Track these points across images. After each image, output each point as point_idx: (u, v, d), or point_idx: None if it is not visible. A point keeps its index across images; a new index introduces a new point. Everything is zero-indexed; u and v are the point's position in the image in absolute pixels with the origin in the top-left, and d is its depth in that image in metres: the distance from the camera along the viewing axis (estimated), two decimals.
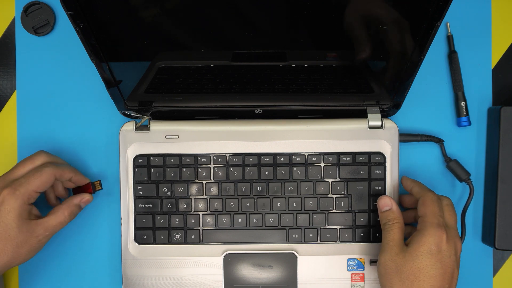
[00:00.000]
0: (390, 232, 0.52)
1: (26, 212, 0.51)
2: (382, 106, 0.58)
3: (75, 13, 0.43)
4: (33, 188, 0.51)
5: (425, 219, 0.51)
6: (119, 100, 0.56)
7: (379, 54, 0.51)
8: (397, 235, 0.52)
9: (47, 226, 0.52)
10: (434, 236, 0.49)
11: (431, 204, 0.52)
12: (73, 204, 0.54)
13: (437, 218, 0.51)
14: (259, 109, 0.58)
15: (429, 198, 0.52)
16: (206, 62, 0.52)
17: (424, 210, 0.52)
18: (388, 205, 0.54)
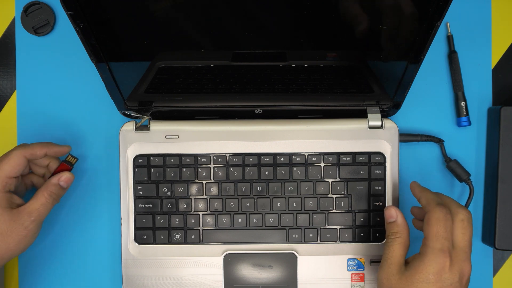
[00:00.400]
0: (391, 247, 0.49)
1: (4, 201, 0.50)
2: (382, 106, 0.58)
3: (75, 13, 0.43)
4: (5, 174, 0.50)
5: (427, 242, 0.47)
6: (119, 100, 0.56)
7: (379, 54, 0.51)
8: (397, 251, 0.49)
9: (29, 211, 0.50)
10: (433, 264, 0.46)
11: (435, 224, 0.47)
12: (51, 184, 0.52)
13: (440, 242, 0.46)
14: (259, 109, 0.58)
15: (434, 217, 0.47)
16: (206, 62, 0.52)
17: (428, 231, 0.47)
18: (393, 217, 0.51)
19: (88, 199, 0.60)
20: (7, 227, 0.49)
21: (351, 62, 0.52)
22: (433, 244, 0.46)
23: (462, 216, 0.48)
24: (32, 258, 0.60)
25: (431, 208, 0.48)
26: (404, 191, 0.59)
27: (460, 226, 0.47)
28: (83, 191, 0.60)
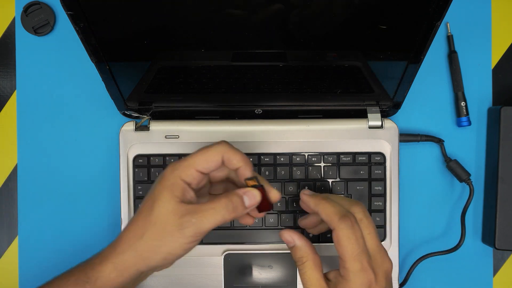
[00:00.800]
0: (304, 274, 0.45)
1: (179, 190, 0.42)
2: (382, 106, 0.57)
3: (75, 13, 0.43)
4: (194, 163, 0.43)
5: (345, 264, 0.43)
6: (119, 100, 0.56)
7: (379, 54, 0.51)
8: (313, 276, 0.44)
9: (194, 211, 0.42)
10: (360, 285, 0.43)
11: (348, 244, 0.43)
12: (234, 193, 0.43)
13: (358, 261, 0.43)
14: (259, 109, 0.58)
15: (343, 235, 0.43)
16: (206, 62, 0.52)
17: (341, 252, 0.43)
18: (290, 242, 0.46)
19: (88, 199, 0.60)
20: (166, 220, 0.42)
21: (351, 62, 0.52)
22: (352, 266, 0.43)
23: (359, 216, 0.45)
24: (32, 258, 0.60)
25: (336, 225, 0.43)
26: (404, 191, 0.59)
27: (362, 227, 0.44)
28: (83, 191, 0.60)
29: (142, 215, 0.43)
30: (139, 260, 0.43)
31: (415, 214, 0.60)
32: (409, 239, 0.59)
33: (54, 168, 0.60)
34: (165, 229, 0.42)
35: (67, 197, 0.60)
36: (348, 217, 0.44)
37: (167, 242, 0.42)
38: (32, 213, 0.60)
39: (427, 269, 0.59)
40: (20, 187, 0.60)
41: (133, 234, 0.43)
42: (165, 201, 0.42)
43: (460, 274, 0.60)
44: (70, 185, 0.60)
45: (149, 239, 0.42)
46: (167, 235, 0.42)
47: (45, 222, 0.60)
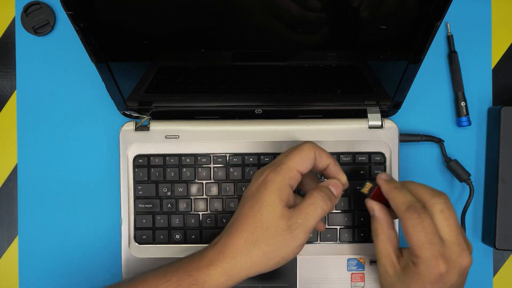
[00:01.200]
0: (376, 246, 0.47)
1: (287, 195, 0.44)
2: (382, 106, 0.57)
3: (75, 13, 0.43)
4: (294, 165, 0.44)
5: (414, 252, 0.44)
6: (119, 100, 0.56)
7: (379, 54, 0.51)
8: (384, 250, 0.46)
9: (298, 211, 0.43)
10: (428, 275, 0.43)
11: (414, 233, 0.43)
12: (323, 186, 0.46)
13: (426, 249, 0.43)
14: (259, 109, 0.58)
15: (409, 225, 0.44)
16: (206, 62, 0.52)
17: (410, 241, 0.44)
18: (371, 211, 0.48)
19: (88, 199, 0.60)
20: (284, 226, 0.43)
21: (351, 62, 0.52)
22: (420, 253, 0.43)
23: (440, 207, 0.44)
24: (32, 258, 0.60)
25: (402, 215, 0.45)
26: None
27: (442, 218, 0.44)
28: (83, 191, 0.60)
29: (251, 220, 0.43)
30: (252, 266, 0.44)
31: None
32: None
33: (54, 168, 0.60)
34: (277, 234, 0.43)
35: (67, 197, 0.60)
36: (415, 207, 0.44)
37: (281, 247, 0.43)
38: (32, 213, 0.60)
39: None
40: (20, 187, 0.60)
41: (245, 240, 0.43)
42: (274, 205, 0.43)
43: None
44: (70, 185, 0.60)
45: (262, 245, 0.43)
46: (280, 240, 0.43)
47: (45, 222, 0.60)
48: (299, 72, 0.53)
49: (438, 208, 0.44)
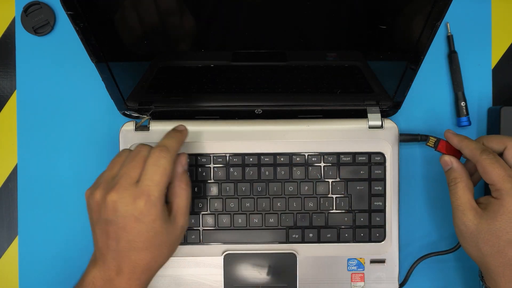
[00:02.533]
0: (456, 194, 0.49)
1: (166, 213, 0.47)
2: (382, 106, 0.58)
3: (75, 13, 0.43)
4: (162, 187, 0.46)
5: (496, 187, 0.47)
6: (119, 100, 0.56)
7: (379, 54, 0.51)
8: (464, 196, 0.49)
9: (180, 211, 0.48)
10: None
11: (493, 170, 0.47)
12: (181, 174, 0.49)
13: (509, 181, 0.47)
14: (259, 109, 0.58)
15: (487, 164, 0.48)
16: (206, 62, 0.52)
17: (490, 179, 0.48)
18: (448, 164, 0.51)
19: None
20: (175, 237, 0.48)
21: (351, 62, 0.52)
22: (503, 186, 0.46)
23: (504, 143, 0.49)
24: (32, 258, 0.60)
25: (478, 158, 0.48)
26: (404, 191, 0.59)
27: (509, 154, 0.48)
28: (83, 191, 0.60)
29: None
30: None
31: (415, 214, 0.60)
32: (409, 239, 0.59)
33: (54, 168, 0.60)
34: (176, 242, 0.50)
35: (67, 197, 0.60)
36: (488, 150, 0.49)
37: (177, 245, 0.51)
38: (32, 213, 0.60)
39: (427, 269, 0.59)
40: (20, 187, 0.60)
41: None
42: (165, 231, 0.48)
43: (459, 274, 0.60)
44: (70, 185, 0.60)
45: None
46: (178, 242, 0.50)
47: (45, 222, 0.60)
48: (299, 72, 0.53)
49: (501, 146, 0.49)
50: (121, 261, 0.45)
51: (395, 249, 0.57)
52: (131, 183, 0.46)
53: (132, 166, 0.47)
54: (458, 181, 0.50)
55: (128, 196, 0.45)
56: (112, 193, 0.46)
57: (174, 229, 0.47)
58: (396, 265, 0.57)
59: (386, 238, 0.57)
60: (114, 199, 0.45)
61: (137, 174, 0.46)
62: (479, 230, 0.47)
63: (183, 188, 0.49)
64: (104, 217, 0.46)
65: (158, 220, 0.46)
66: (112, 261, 0.45)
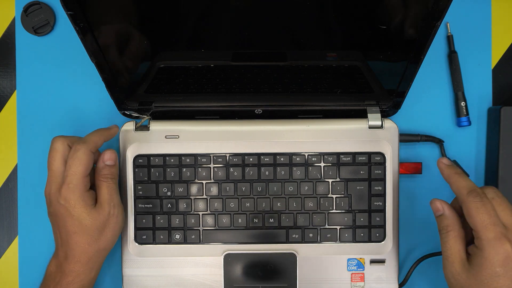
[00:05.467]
0: (446, 243, 0.47)
1: (89, 199, 0.51)
2: (382, 106, 0.58)
3: (75, 13, 0.43)
4: (81, 175, 0.51)
5: (478, 234, 0.44)
6: (119, 100, 0.56)
7: (379, 54, 0.51)
8: (455, 246, 0.46)
9: (105, 201, 0.52)
10: (495, 256, 0.43)
11: (477, 214, 0.44)
12: (100, 169, 0.53)
13: (490, 230, 0.44)
14: (259, 109, 0.58)
15: (472, 207, 0.45)
16: (206, 62, 0.52)
17: (473, 224, 0.45)
18: (440, 210, 0.48)
19: None
20: (101, 222, 0.52)
21: (351, 62, 0.52)
22: (485, 235, 0.44)
23: (491, 195, 0.46)
24: (32, 258, 0.60)
25: (464, 198, 0.46)
26: (404, 191, 0.59)
27: (497, 204, 0.45)
28: None
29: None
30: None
31: (415, 214, 0.60)
32: (409, 239, 0.59)
33: None
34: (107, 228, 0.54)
35: None
36: (477, 191, 0.45)
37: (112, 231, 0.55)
38: (32, 213, 0.60)
39: (427, 269, 0.59)
40: (20, 187, 0.60)
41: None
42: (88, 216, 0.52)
43: None
44: None
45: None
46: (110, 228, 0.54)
47: (45, 222, 0.60)
48: (299, 72, 0.53)
49: (489, 196, 0.46)
50: (65, 247, 0.51)
51: (395, 249, 0.57)
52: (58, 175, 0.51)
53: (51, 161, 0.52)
54: (450, 230, 0.47)
55: (55, 188, 0.51)
56: (46, 188, 0.52)
57: (99, 214, 0.52)
58: (396, 265, 0.57)
59: (386, 238, 0.57)
60: (48, 192, 0.52)
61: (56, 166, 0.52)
62: (468, 285, 0.45)
63: (101, 180, 0.53)
64: (49, 211, 0.53)
65: (79, 204, 0.50)
66: (61, 249, 0.52)
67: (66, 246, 0.52)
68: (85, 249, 0.51)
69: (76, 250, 0.51)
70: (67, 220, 0.51)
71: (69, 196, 0.50)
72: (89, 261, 0.52)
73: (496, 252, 0.43)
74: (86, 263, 0.52)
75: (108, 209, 0.52)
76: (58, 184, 0.51)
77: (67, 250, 0.52)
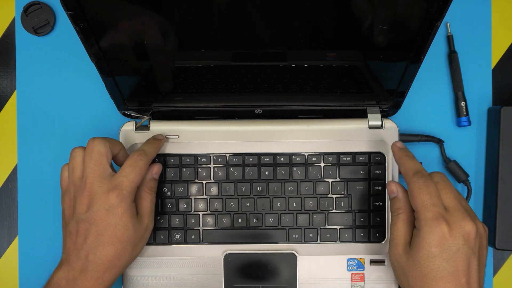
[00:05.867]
0: (394, 225, 0.48)
1: (134, 210, 0.50)
2: (382, 106, 0.58)
3: (75, 13, 0.43)
4: (135, 184, 0.49)
5: (418, 215, 0.45)
6: (119, 100, 0.56)
7: (379, 54, 0.51)
8: (401, 229, 0.47)
9: (146, 213, 0.51)
10: (431, 235, 0.44)
11: (418, 195, 0.45)
12: (148, 180, 0.53)
13: (429, 210, 0.44)
14: (259, 109, 0.58)
15: (415, 188, 0.46)
16: (206, 62, 0.52)
17: (415, 204, 0.45)
18: (394, 192, 0.49)
19: None
20: (139, 235, 0.50)
21: (351, 62, 0.52)
22: (423, 215, 0.44)
23: (437, 177, 0.47)
24: (32, 258, 0.60)
25: (409, 179, 0.47)
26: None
27: (441, 187, 0.46)
28: None
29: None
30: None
31: None
32: None
33: (54, 168, 0.60)
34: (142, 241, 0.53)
35: None
36: (422, 173, 0.47)
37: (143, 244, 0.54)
38: (32, 213, 0.60)
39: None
40: (20, 187, 0.60)
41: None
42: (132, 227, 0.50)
43: None
44: None
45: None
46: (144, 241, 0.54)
47: (45, 222, 0.60)
48: (299, 72, 0.53)
49: (435, 180, 0.47)
50: (86, 259, 0.47)
51: None
52: (103, 176, 0.48)
53: (94, 163, 0.49)
54: (400, 213, 0.48)
55: (101, 191, 0.47)
56: (85, 192, 0.48)
57: (140, 227, 0.50)
58: None
59: (386, 238, 0.57)
60: (88, 196, 0.48)
61: (101, 169, 0.49)
62: (408, 266, 0.45)
63: (147, 192, 0.52)
64: (76, 216, 0.48)
65: (127, 214, 0.48)
66: (76, 261, 0.47)
67: (88, 258, 0.47)
68: (113, 263, 0.47)
69: (101, 265, 0.47)
70: (108, 229, 0.47)
71: (121, 202, 0.47)
72: (110, 280, 0.48)
73: (432, 231, 0.44)
74: (108, 281, 0.47)
75: (147, 222, 0.51)
76: (106, 188, 0.48)
77: (87, 262, 0.47)
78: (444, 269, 0.43)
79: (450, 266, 0.43)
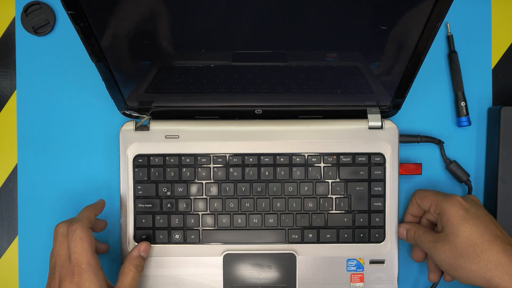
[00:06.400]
0: (421, 243, 0.53)
1: (102, 278, 0.50)
2: (382, 106, 0.57)
3: (75, 13, 0.43)
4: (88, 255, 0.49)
5: (431, 208, 0.53)
6: (119, 100, 0.56)
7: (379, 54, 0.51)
8: (426, 239, 0.52)
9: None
10: (452, 205, 0.50)
11: (421, 202, 0.54)
12: (134, 257, 0.54)
13: (436, 198, 0.52)
14: (259, 109, 0.58)
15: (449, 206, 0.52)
16: (206, 62, 0.52)
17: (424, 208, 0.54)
18: (402, 233, 0.56)
19: (88, 198, 0.60)
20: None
21: (351, 62, 0.52)
22: (443, 202, 0.52)
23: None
24: (32, 258, 0.60)
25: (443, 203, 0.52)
26: (404, 191, 0.59)
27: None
28: (83, 191, 0.60)
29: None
30: None
31: None
32: None
33: (54, 168, 0.60)
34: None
35: (67, 198, 0.60)
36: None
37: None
38: (32, 213, 0.60)
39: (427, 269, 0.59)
40: (20, 187, 0.60)
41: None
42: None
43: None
44: (70, 185, 0.60)
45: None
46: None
47: (45, 222, 0.60)
48: (299, 72, 0.53)
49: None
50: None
51: (395, 249, 0.57)
52: (64, 261, 0.49)
53: (59, 247, 0.50)
54: (417, 230, 0.54)
55: (65, 275, 0.49)
56: (55, 278, 0.49)
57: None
58: (395, 265, 0.57)
59: (386, 238, 0.57)
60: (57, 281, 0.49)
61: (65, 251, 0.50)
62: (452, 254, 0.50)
63: (131, 269, 0.53)
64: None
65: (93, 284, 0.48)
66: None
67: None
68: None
69: None
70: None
71: (84, 276, 0.48)
72: None
73: (452, 203, 0.51)
74: None
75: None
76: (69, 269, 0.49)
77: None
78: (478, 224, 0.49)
79: (480, 222, 0.49)
